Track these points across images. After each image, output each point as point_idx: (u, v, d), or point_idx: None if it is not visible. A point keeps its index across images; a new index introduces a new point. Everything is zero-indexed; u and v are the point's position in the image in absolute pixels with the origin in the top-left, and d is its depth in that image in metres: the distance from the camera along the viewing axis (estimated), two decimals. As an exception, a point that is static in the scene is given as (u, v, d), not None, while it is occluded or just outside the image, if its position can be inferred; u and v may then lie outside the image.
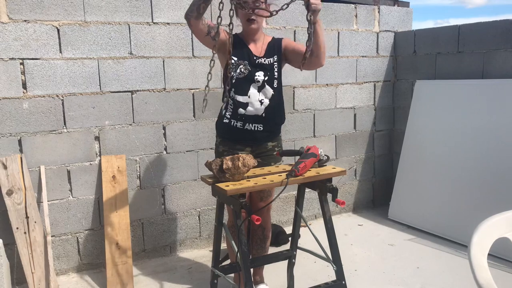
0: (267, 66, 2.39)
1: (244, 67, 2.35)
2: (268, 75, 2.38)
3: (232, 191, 1.94)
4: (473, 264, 1.33)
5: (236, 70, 2.35)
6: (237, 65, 2.35)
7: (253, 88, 2.36)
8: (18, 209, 2.74)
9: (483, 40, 3.48)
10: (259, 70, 2.37)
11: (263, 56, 2.40)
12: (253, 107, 2.36)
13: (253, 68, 2.36)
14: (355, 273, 2.97)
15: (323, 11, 3.78)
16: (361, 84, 4.10)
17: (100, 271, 3.07)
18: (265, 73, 2.38)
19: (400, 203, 3.91)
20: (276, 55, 2.42)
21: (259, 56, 2.39)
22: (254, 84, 2.36)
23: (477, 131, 3.37)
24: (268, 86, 2.37)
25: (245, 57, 2.37)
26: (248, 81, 2.35)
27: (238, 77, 2.35)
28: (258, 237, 2.64)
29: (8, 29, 2.69)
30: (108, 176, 3.02)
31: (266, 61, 2.40)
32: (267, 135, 2.44)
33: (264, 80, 2.37)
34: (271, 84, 2.39)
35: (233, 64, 2.35)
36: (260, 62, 2.38)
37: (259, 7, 2.22)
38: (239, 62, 2.36)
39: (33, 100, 2.82)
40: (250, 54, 2.38)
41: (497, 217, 1.49)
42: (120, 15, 2.98)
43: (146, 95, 3.14)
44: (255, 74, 2.36)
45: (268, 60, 2.40)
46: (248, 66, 2.36)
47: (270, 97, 2.38)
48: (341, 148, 4.07)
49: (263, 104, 2.37)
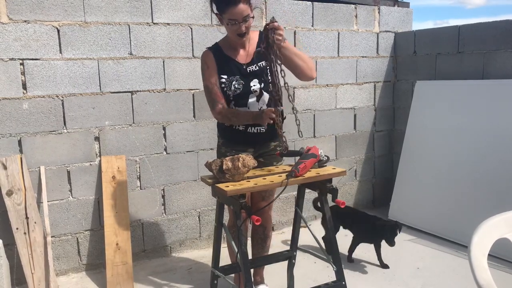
0: (259, 71, 2.30)
1: (237, 82, 2.27)
2: (263, 81, 2.30)
3: (232, 191, 1.94)
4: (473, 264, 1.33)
5: (231, 88, 2.27)
6: (229, 83, 2.27)
7: (251, 99, 2.31)
8: (18, 210, 2.74)
9: (483, 40, 3.48)
10: (252, 79, 2.30)
11: (253, 62, 2.29)
12: None
13: (246, 80, 2.28)
14: (355, 273, 2.97)
15: (324, 11, 3.79)
16: (361, 84, 4.09)
17: (100, 272, 3.07)
18: (260, 79, 2.30)
19: (400, 204, 3.90)
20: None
21: (248, 63, 2.29)
22: (252, 95, 2.30)
23: (477, 132, 3.36)
24: (265, 93, 2.33)
25: (235, 72, 2.27)
26: (245, 94, 2.29)
27: (234, 94, 2.28)
28: (259, 237, 2.64)
29: (8, 29, 2.69)
30: (108, 176, 3.02)
31: (257, 67, 2.29)
32: (270, 136, 2.42)
33: (260, 88, 2.31)
34: (266, 89, 2.33)
35: (225, 83, 2.27)
36: (251, 70, 2.29)
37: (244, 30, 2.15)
38: (230, 78, 2.27)
39: (33, 100, 2.82)
40: (239, 67, 2.28)
41: (497, 217, 1.49)
42: (120, 16, 2.98)
43: (146, 95, 3.14)
44: (250, 85, 2.29)
45: (260, 64, 2.29)
46: (241, 79, 2.27)
47: (267, 102, 2.34)
48: (341, 148, 4.07)
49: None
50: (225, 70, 2.27)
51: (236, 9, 2.07)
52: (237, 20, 2.11)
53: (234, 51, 2.30)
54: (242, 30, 2.15)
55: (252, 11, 2.16)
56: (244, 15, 2.10)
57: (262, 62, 2.29)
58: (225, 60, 2.28)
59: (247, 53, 2.31)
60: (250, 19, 2.15)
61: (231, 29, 2.17)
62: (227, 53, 2.29)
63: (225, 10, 2.10)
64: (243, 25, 2.13)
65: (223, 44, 2.32)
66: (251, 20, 2.16)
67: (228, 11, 2.09)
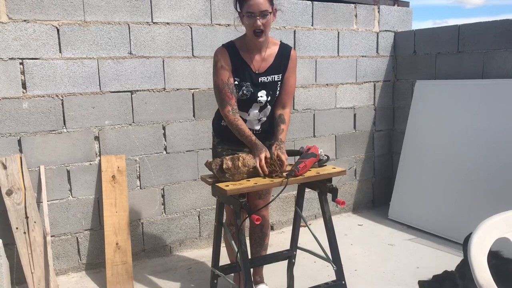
0: (270, 84, 2.30)
1: (246, 89, 2.26)
2: (270, 95, 2.31)
3: (232, 191, 1.94)
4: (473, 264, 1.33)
5: (239, 92, 2.27)
6: (239, 86, 2.27)
7: (254, 108, 2.32)
8: (17, 209, 2.74)
9: (483, 40, 3.48)
10: (261, 89, 2.29)
11: (266, 73, 2.29)
12: (251, 124, 2.36)
13: (255, 89, 2.28)
14: (355, 273, 2.97)
15: (323, 10, 3.79)
16: (361, 84, 4.09)
17: (100, 271, 3.07)
18: (267, 92, 2.29)
19: (400, 203, 3.91)
20: (281, 74, 2.32)
21: (261, 73, 2.28)
22: (256, 104, 2.31)
23: (477, 131, 3.37)
24: (269, 106, 2.34)
25: (247, 78, 2.26)
26: (250, 101, 2.30)
27: (240, 99, 2.28)
28: (257, 235, 2.64)
29: (7, 29, 2.69)
30: (108, 176, 3.02)
31: (269, 79, 2.29)
32: (265, 136, 2.44)
33: (266, 100, 2.31)
34: (272, 103, 2.35)
35: (236, 85, 2.27)
36: (262, 81, 2.28)
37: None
38: (241, 83, 2.27)
39: (33, 100, 2.82)
40: (251, 73, 2.27)
41: (497, 217, 1.49)
42: (120, 15, 2.98)
43: (146, 95, 3.14)
44: (257, 95, 2.28)
45: (272, 77, 2.29)
46: (251, 87, 2.27)
47: (268, 114, 2.37)
48: (341, 148, 4.07)
49: (261, 121, 2.38)
50: (239, 74, 2.26)
51: (255, 1, 2.10)
52: (254, 13, 2.11)
53: (250, 55, 2.27)
54: (258, 25, 2.13)
55: (273, 10, 2.18)
56: (262, 9, 2.11)
57: (274, 75, 2.29)
58: (240, 64, 2.26)
59: (262, 59, 2.28)
60: (268, 16, 2.15)
61: (249, 24, 2.16)
62: (243, 56, 2.27)
63: (244, 2, 2.13)
64: (260, 19, 2.12)
65: (240, 44, 2.29)
66: (270, 18, 2.17)
67: (247, 2, 2.11)
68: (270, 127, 2.43)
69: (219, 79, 2.24)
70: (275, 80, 2.30)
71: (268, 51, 2.29)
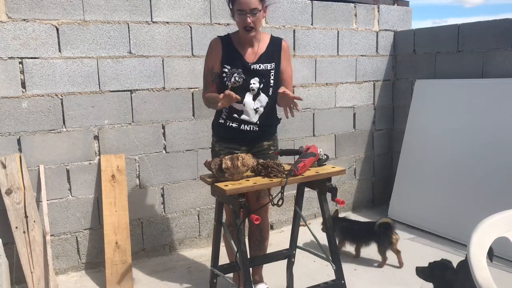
0: (263, 72, 2.34)
1: (238, 75, 2.30)
2: (263, 82, 2.33)
3: (231, 190, 1.94)
4: (473, 263, 1.33)
5: (231, 79, 2.30)
6: (231, 74, 2.31)
7: (248, 97, 2.33)
8: (17, 209, 2.73)
9: (482, 39, 3.48)
10: (254, 77, 2.32)
11: (258, 61, 2.33)
12: (248, 115, 2.35)
13: (247, 76, 2.31)
14: (354, 272, 2.97)
15: (323, 10, 3.78)
16: (360, 83, 4.09)
17: (100, 271, 3.07)
18: (260, 79, 2.33)
19: (400, 202, 3.91)
20: (274, 62, 2.36)
21: (254, 62, 2.33)
22: (249, 93, 2.33)
23: (477, 130, 3.36)
24: (263, 94, 2.34)
25: (239, 65, 2.31)
26: (243, 89, 2.31)
27: (233, 87, 2.29)
28: (256, 239, 2.63)
29: (7, 28, 2.69)
30: (108, 175, 3.02)
31: (261, 67, 2.33)
32: (263, 135, 2.43)
33: (259, 88, 2.33)
34: (266, 92, 2.35)
35: (227, 73, 2.31)
36: (255, 68, 2.32)
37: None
38: (233, 70, 2.31)
39: (32, 99, 2.81)
40: (243, 61, 2.31)
41: (497, 216, 1.49)
42: (119, 14, 2.98)
43: (146, 94, 3.14)
44: (250, 82, 2.31)
45: (265, 65, 2.34)
46: (242, 74, 2.30)
47: (265, 105, 2.36)
48: (340, 147, 4.07)
49: (258, 112, 2.37)
50: (230, 61, 2.32)
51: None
52: (244, 11, 2.17)
53: (243, 48, 2.34)
54: (248, 22, 2.19)
55: (263, 7, 2.23)
56: (251, 7, 2.16)
57: (267, 64, 2.33)
58: (232, 51, 2.33)
59: (255, 53, 2.35)
60: (258, 14, 2.20)
61: (239, 21, 2.23)
62: (236, 47, 2.34)
63: (235, 0, 2.19)
64: (250, 17, 2.18)
65: (234, 37, 2.37)
66: (260, 15, 2.21)
67: (238, 0, 2.17)
68: (268, 124, 2.43)
69: (205, 66, 2.41)
70: (267, 68, 2.35)
71: (260, 44, 2.36)
